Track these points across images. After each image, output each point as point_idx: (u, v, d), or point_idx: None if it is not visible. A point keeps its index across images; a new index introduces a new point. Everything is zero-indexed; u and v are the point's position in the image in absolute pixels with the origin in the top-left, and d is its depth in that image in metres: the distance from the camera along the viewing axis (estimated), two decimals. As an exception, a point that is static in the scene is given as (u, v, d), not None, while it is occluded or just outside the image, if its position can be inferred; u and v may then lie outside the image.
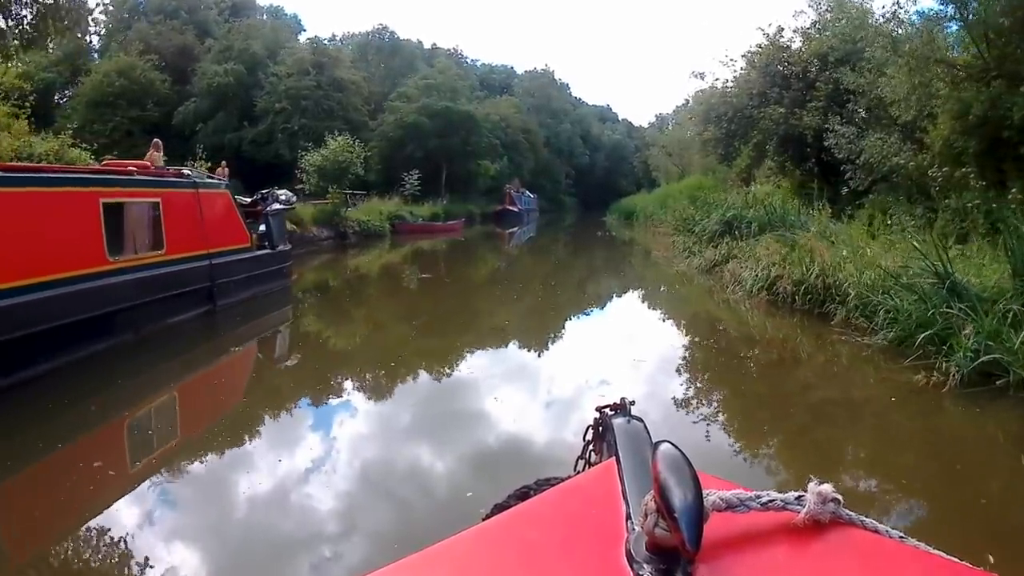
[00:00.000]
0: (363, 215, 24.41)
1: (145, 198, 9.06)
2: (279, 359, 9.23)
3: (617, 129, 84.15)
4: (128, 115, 36.41)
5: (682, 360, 9.14)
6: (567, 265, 20.83)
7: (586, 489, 0.96)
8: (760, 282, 12.06)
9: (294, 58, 33.91)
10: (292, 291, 13.13)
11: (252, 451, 5.53)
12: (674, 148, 53.09)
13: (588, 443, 1.50)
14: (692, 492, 0.70)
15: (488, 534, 0.87)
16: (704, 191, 26.27)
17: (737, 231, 17.25)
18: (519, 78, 70.46)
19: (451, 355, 8.96)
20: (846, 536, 0.79)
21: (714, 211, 19.48)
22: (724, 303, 12.68)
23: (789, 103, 23.57)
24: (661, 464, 0.73)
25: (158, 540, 4.02)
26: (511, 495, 1.42)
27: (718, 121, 25.05)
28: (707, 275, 15.42)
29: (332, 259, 19.99)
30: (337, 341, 10.18)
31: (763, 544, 0.78)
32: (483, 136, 42.07)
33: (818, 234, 14.97)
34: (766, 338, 10.11)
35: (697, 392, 7.68)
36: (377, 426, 6.31)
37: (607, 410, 1.37)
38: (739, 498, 0.79)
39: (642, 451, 1.01)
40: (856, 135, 18.49)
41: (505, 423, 6.14)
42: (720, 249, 16.18)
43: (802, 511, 0.79)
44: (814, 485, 0.81)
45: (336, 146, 22.85)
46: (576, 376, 7.72)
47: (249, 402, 7.09)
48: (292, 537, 4.07)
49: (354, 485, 4.91)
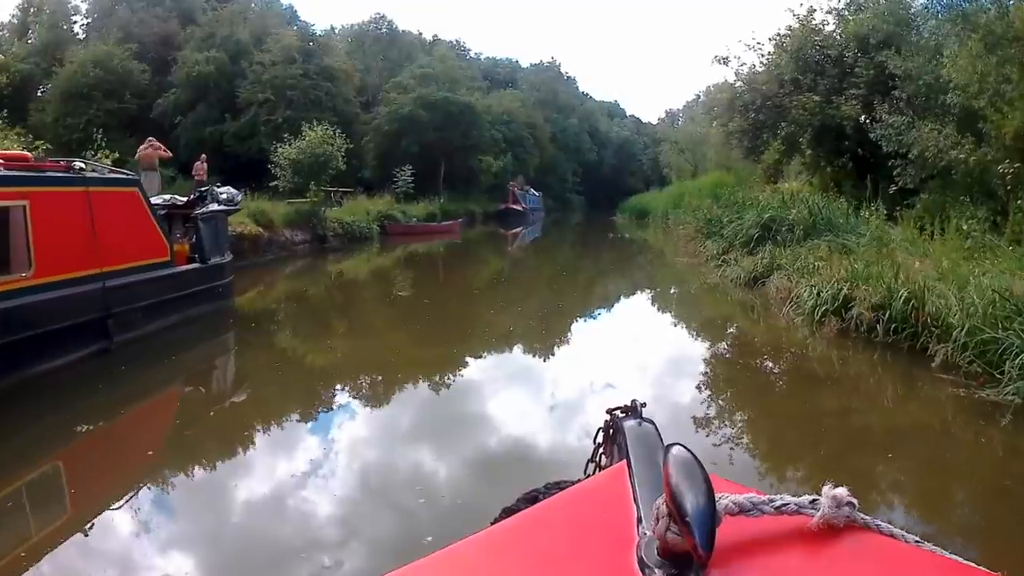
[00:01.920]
0: (347, 215, 21.82)
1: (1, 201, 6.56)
2: (189, 419, 6.69)
3: (625, 125, 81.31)
4: (104, 108, 33.94)
5: (743, 424, 6.57)
6: (576, 276, 18.16)
7: (596, 493, 0.96)
8: (825, 304, 9.47)
9: (280, 45, 31.31)
10: (235, 313, 10.66)
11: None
12: (686, 144, 50.83)
13: (598, 446, 1.48)
14: (704, 496, 0.69)
15: (496, 538, 0.87)
16: (727, 189, 23.68)
17: (777, 235, 14.78)
18: (524, 72, 67.76)
19: (432, 434, 6.43)
20: (861, 540, 0.77)
21: (746, 211, 16.94)
22: (777, 331, 10.08)
23: (825, 91, 21.09)
24: (673, 467, 0.72)
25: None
26: (520, 499, 1.38)
27: (744, 111, 22.44)
28: (747, 290, 12.84)
29: (306, 267, 17.47)
30: (289, 383, 7.67)
31: (777, 549, 0.76)
32: (484, 130, 39.31)
33: (876, 240, 12.57)
34: (845, 385, 7.54)
35: (774, 466, 5.17)
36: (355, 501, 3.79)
37: (618, 412, 1.32)
38: (752, 502, 0.78)
39: (653, 454, 0.98)
40: (906, 125, 15.94)
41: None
42: (760, 257, 13.61)
43: (816, 515, 0.77)
44: (828, 488, 0.79)
45: (313, 137, 20.15)
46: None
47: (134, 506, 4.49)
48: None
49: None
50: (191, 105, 32.42)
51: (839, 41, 21.13)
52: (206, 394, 7.50)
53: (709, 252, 16.81)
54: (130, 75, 34.68)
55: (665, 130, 62.36)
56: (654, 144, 65.76)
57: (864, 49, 20.22)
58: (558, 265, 20.56)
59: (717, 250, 16.19)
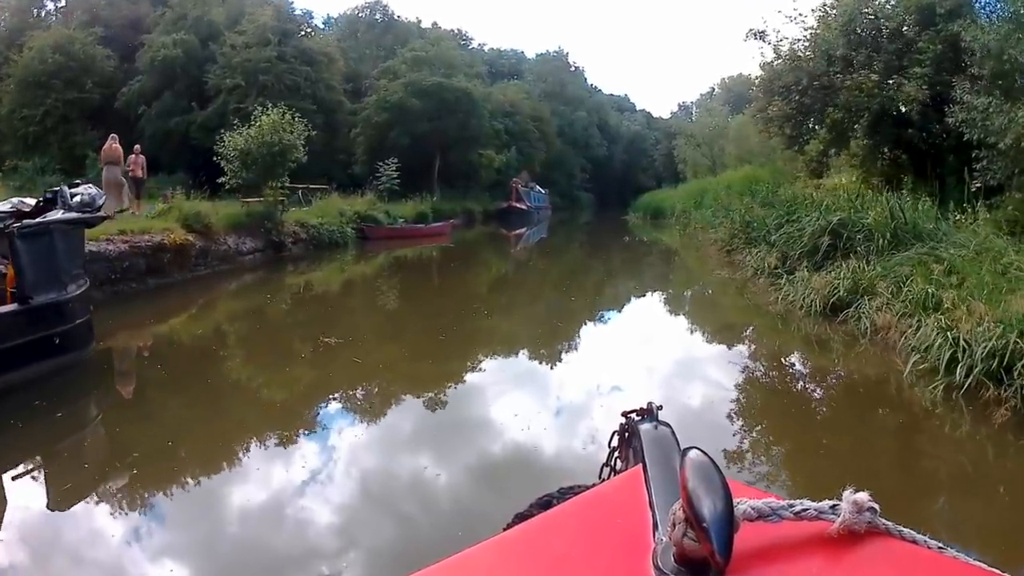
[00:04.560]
0: (313, 217, 18.34)
1: None
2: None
3: (636, 120, 77.61)
4: (64, 97, 30.79)
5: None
6: (589, 296, 14.48)
7: (611, 498, 0.95)
8: (977, 363, 6.01)
9: (255, 25, 27.92)
10: (94, 370, 7.29)
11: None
12: (703, 138, 47.40)
13: (613, 450, 1.44)
14: (722, 501, 0.68)
15: (509, 545, 0.86)
16: (762, 185, 20.20)
17: (851, 244, 11.47)
18: (530, 63, 64.33)
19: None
20: (883, 546, 0.76)
21: (800, 211, 13.55)
22: (902, 407, 6.54)
23: (881, 70, 17.73)
24: (689, 472, 0.71)
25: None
26: (533, 504, 1.35)
27: (786, 93, 18.91)
28: (824, 323, 9.38)
29: (250, 285, 13.98)
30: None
31: (796, 555, 0.75)
32: (484, 120, 35.63)
33: (984, 253, 9.30)
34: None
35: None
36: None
37: (633, 415, 1.30)
38: (771, 507, 0.76)
39: (670, 458, 0.96)
40: (995, 108, 12.61)
41: None
42: (836, 275, 10.16)
43: (837, 520, 0.76)
44: (849, 493, 0.77)
45: (266, 123, 16.77)
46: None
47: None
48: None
49: None
50: (156, 93, 29.17)
51: (897, 11, 17.88)
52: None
53: (754, 263, 13.34)
54: (93, 61, 31.47)
55: (680, 123, 58.63)
56: (666, 139, 62.20)
57: (929, 21, 17.01)
58: (566, 278, 16.93)
59: (767, 262, 12.75)
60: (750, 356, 9.19)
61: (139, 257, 12.05)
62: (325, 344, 8.32)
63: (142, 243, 12.20)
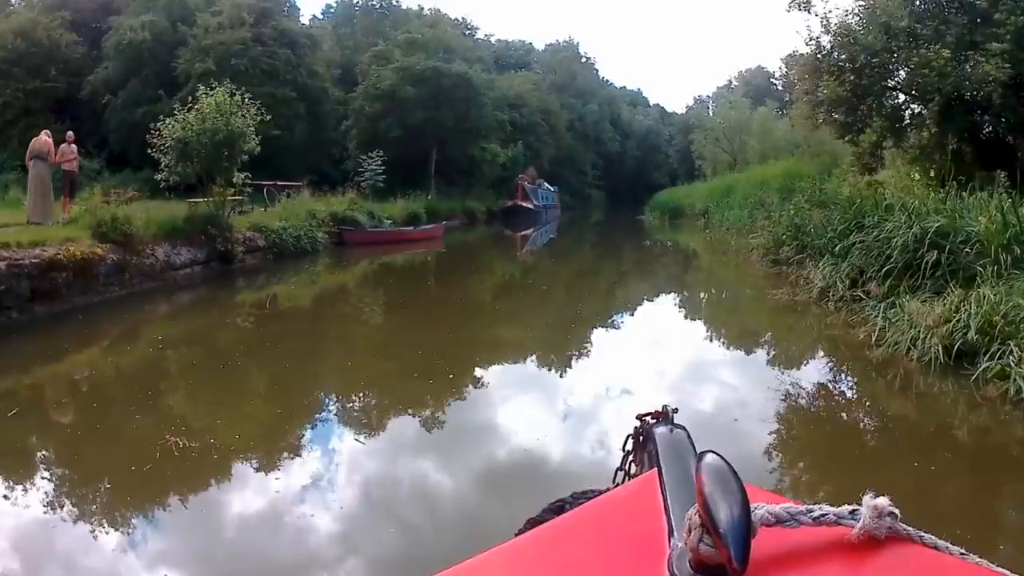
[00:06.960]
0: (274, 220, 15.42)
1: None
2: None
3: (649, 114, 74.42)
4: (27, 87, 28.17)
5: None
6: (608, 332, 11.26)
7: (625, 502, 0.93)
8: None
9: (230, 3, 25.09)
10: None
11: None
12: (724, 132, 44.33)
13: (627, 453, 1.39)
14: (739, 506, 0.67)
15: (521, 550, 0.84)
16: (808, 181, 17.14)
17: (954, 260, 8.61)
18: (539, 54, 61.35)
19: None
20: (903, 552, 0.74)
21: (872, 214, 10.64)
22: None
23: (952, 45, 14.76)
24: (705, 476, 0.70)
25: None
26: (546, 509, 1.31)
27: (838, 73, 15.85)
28: (951, 379, 6.43)
29: (173, 310, 10.92)
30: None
31: (814, 561, 0.74)
32: (486, 110, 32.51)
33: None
34: None
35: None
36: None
37: (648, 418, 1.27)
38: (789, 512, 0.75)
39: (685, 462, 0.93)
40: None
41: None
42: (949, 304, 7.20)
43: (856, 526, 0.74)
44: (869, 498, 0.76)
45: (209, 104, 13.66)
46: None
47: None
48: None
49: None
50: (123, 82, 26.44)
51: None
52: None
53: (821, 282, 10.34)
54: (58, 48, 28.81)
55: (699, 117, 55.42)
56: (681, 134, 59.15)
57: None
58: (576, 301, 13.54)
59: (837, 280, 9.78)
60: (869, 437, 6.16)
61: (20, 279, 9.23)
62: (167, 449, 5.12)
63: (26, 260, 9.39)
